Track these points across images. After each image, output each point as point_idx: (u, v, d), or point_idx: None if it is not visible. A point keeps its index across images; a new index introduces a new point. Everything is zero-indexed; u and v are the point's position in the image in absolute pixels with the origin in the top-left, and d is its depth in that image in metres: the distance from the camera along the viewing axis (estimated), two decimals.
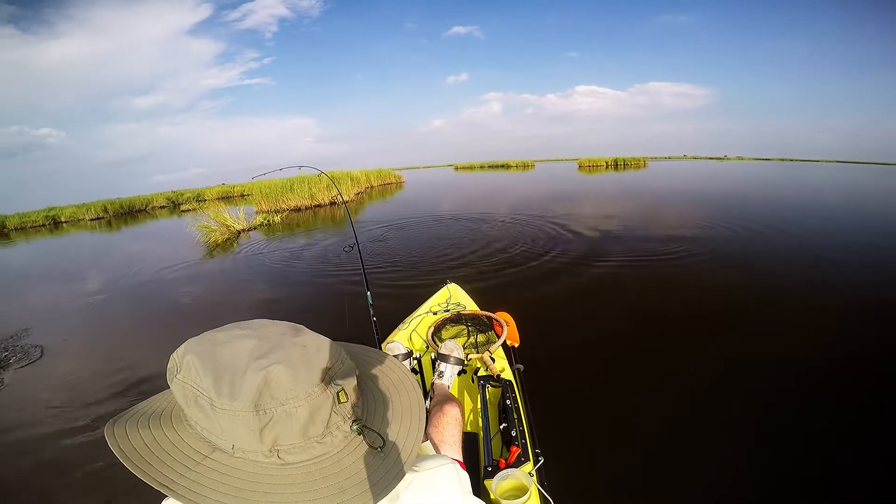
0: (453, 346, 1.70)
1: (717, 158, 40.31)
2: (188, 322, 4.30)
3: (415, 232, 7.93)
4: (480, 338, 2.03)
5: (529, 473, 1.27)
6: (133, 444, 0.48)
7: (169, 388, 0.52)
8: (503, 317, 2.14)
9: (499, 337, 1.93)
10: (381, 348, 1.96)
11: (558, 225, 7.53)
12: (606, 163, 30.07)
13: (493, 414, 1.63)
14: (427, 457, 0.72)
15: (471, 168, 40.65)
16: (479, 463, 1.42)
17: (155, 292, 5.49)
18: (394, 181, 22.24)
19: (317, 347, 0.53)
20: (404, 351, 1.70)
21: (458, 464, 0.73)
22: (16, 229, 19.03)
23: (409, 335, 2.21)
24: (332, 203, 13.78)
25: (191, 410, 0.49)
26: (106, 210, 20.88)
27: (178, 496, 0.45)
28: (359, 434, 0.54)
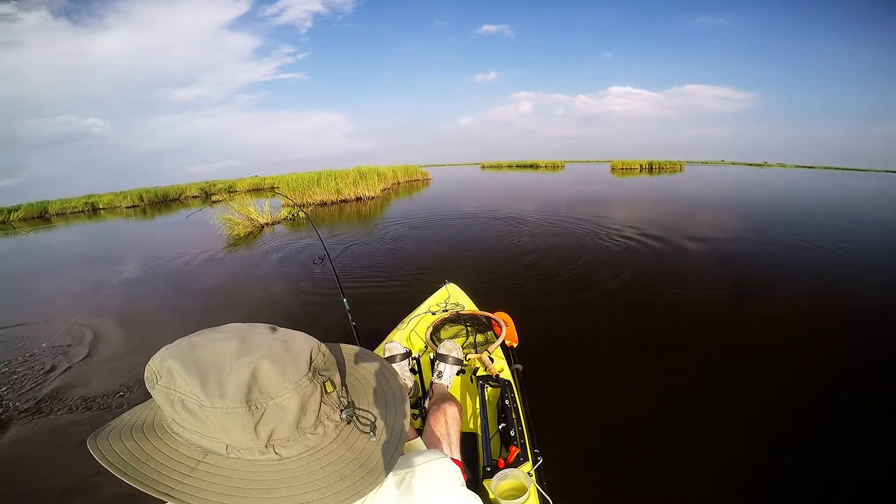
0: (452, 346, 1.69)
1: (756, 165, 38.41)
2: (190, 314, 4.34)
3: (435, 231, 7.86)
4: (479, 338, 2.03)
5: (528, 473, 1.29)
6: (122, 456, 0.47)
7: (143, 402, 0.55)
8: (502, 317, 2.13)
9: (497, 337, 1.93)
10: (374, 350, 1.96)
11: (583, 227, 7.40)
12: (640, 165, 29.08)
13: (491, 414, 1.63)
14: (418, 452, 0.73)
15: (498, 167, 40.15)
16: (478, 463, 1.42)
17: (163, 284, 5.57)
18: (420, 178, 22.11)
19: (297, 342, 0.54)
20: (403, 351, 1.70)
21: (449, 459, 0.74)
22: (57, 214, 19.85)
23: (408, 335, 2.21)
24: (358, 199, 13.71)
25: (179, 416, 0.48)
26: (141, 198, 21.58)
27: (180, 502, 0.45)
28: (348, 422, 0.56)
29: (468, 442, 1.48)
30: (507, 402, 1.60)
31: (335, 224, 9.68)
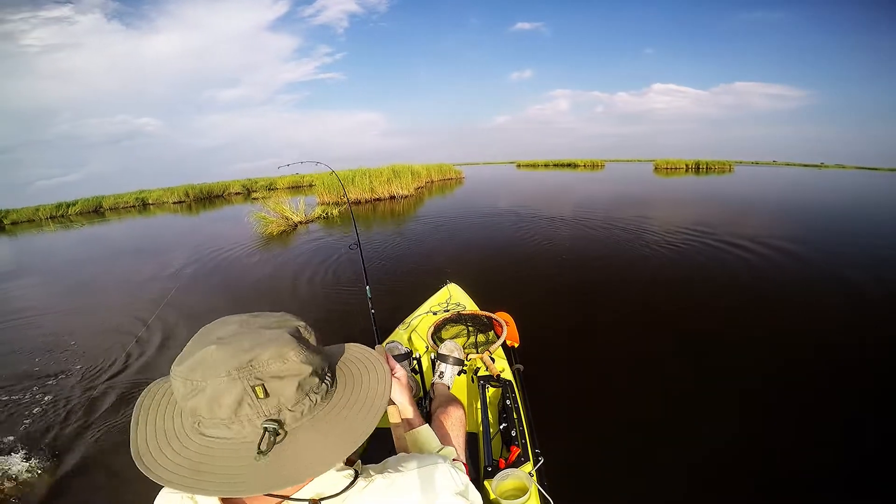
0: (453, 347, 1.69)
1: (813, 166, 35.54)
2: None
3: (458, 231, 7.84)
4: (480, 338, 2.03)
5: (529, 473, 1.28)
6: (176, 472, 0.52)
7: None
8: (503, 317, 2.12)
9: (498, 337, 1.92)
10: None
11: (617, 228, 7.25)
12: (686, 165, 27.59)
13: (493, 414, 1.63)
14: (414, 456, 0.73)
15: (534, 166, 39.32)
16: (479, 463, 1.41)
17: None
18: (454, 177, 21.92)
19: (268, 340, 0.55)
20: (404, 351, 1.70)
21: (447, 464, 0.75)
22: (110, 209, 20.98)
23: (409, 335, 2.22)
24: (392, 197, 13.65)
25: (193, 401, 0.53)
26: (187, 194, 22.49)
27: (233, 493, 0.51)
28: (266, 433, 0.55)
29: (469, 442, 1.46)
30: (508, 402, 1.60)
31: (368, 222, 9.75)
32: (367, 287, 2.44)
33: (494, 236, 7.18)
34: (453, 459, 0.99)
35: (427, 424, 1.04)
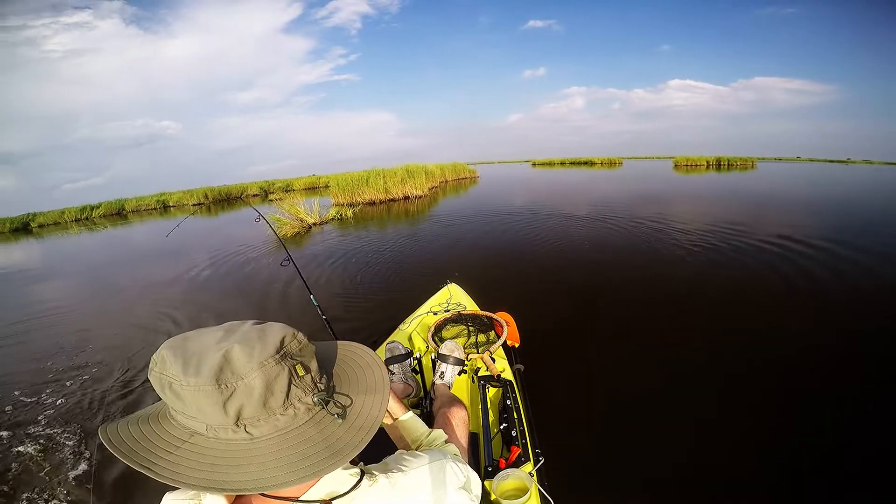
0: (454, 347, 1.67)
1: (839, 161, 34.13)
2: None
3: (469, 232, 7.76)
4: (481, 338, 2.02)
5: (530, 473, 1.27)
6: (122, 436, 0.52)
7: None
8: (503, 317, 2.11)
9: (499, 337, 1.91)
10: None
11: (638, 227, 7.09)
12: (707, 162, 26.70)
13: (493, 414, 1.62)
14: (413, 454, 0.75)
15: (550, 164, 38.95)
16: (479, 463, 1.41)
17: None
18: (468, 176, 21.82)
19: (272, 329, 0.58)
20: (404, 351, 1.68)
21: (449, 460, 0.76)
22: (132, 211, 21.49)
23: (410, 335, 2.21)
24: (406, 198, 13.61)
25: (168, 398, 0.53)
26: (206, 196, 22.89)
27: (158, 476, 0.49)
28: (321, 407, 0.58)
29: (469, 442, 1.45)
30: (508, 402, 1.60)
31: (382, 222, 9.78)
32: (311, 296, 2.49)
33: (503, 236, 7.11)
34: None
35: (411, 412, 1.06)
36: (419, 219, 9.91)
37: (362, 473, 0.64)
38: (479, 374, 1.80)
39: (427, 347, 2.00)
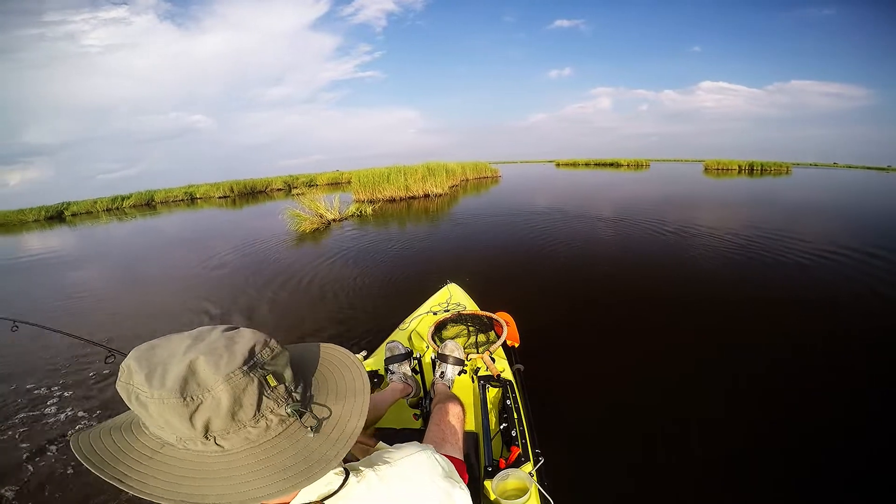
0: (454, 347, 1.67)
1: (879, 168, 32.27)
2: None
3: (487, 233, 7.65)
4: (481, 338, 2.02)
5: (529, 473, 1.27)
6: (94, 446, 0.51)
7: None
8: (503, 317, 2.11)
9: (499, 337, 1.91)
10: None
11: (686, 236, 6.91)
12: (739, 166, 25.78)
13: (493, 414, 1.62)
14: (399, 447, 0.75)
15: (574, 165, 38.30)
16: (479, 463, 1.40)
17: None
18: (489, 175, 21.61)
19: (242, 337, 0.55)
20: (404, 351, 1.68)
21: (431, 449, 0.77)
22: (161, 202, 22.08)
23: (410, 335, 2.22)
24: (426, 196, 13.56)
25: (135, 408, 0.51)
26: (232, 189, 23.33)
27: (130, 489, 0.48)
28: (296, 418, 0.57)
29: (469, 442, 1.46)
30: (508, 402, 1.60)
31: (402, 219, 9.77)
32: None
33: (512, 237, 7.03)
34: (452, 456, 1.03)
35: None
36: (436, 217, 9.87)
37: (347, 472, 0.64)
38: (479, 374, 1.80)
39: (427, 347, 2.00)
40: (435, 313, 2.39)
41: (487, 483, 1.24)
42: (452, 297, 2.64)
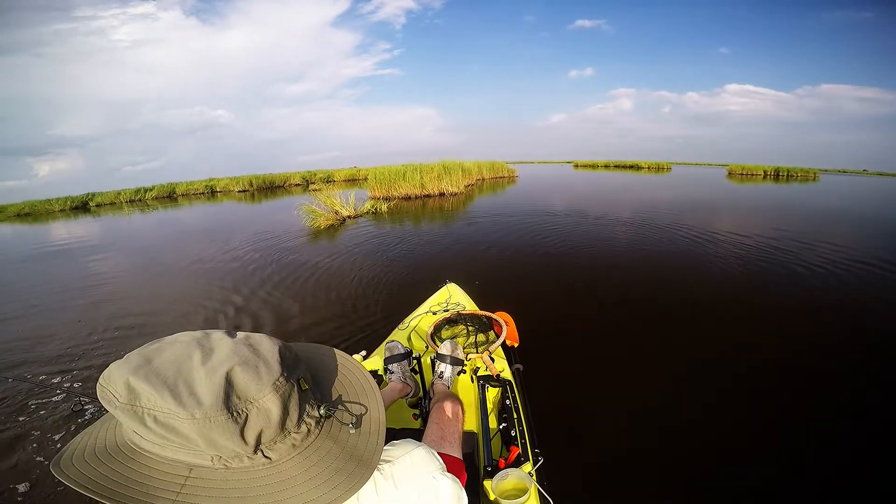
0: (453, 346, 1.67)
1: None
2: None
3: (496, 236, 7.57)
4: (480, 337, 2.02)
5: (529, 473, 1.27)
6: (101, 481, 0.44)
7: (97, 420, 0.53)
8: (503, 317, 2.11)
9: (498, 337, 1.91)
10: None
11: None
12: (764, 172, 25.05)
13: (492, 414, 1.62)
14: (395, 444, 0.74)
15: (593, 166, 37.76)
16: (478, 463, 1.40)
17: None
18: (506, 175, 21.42)
19: (262, 343, 0.53)
20: (403, 351, 1.68)
21: (425, 445, 0.76)
22: (182, 195, 22.50)
23: (409, 335, 2.21)
24: (441, 194, 13.50)
25: (154, 433, 0.45)
26: (251, 184, 23.65)
27: None
28: (329, 416, 0.56)
29: (468, 441, 1.46)
30: (507, 401, 1.61)
31: (417, 217, 9.78)
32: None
33: (520, 239, 6.96)
34: (451, 455, 1.05)
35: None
36: (449, 217, 9.84)
37: None
38: (478, 374, 1.80)
39: (426, 347, 1.99)
40: (434, 313, 2.39)
41: (487, 483, 1.24)
42: (452, 297, 2.63)
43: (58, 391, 2.76)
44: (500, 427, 1.52)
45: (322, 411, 0.55)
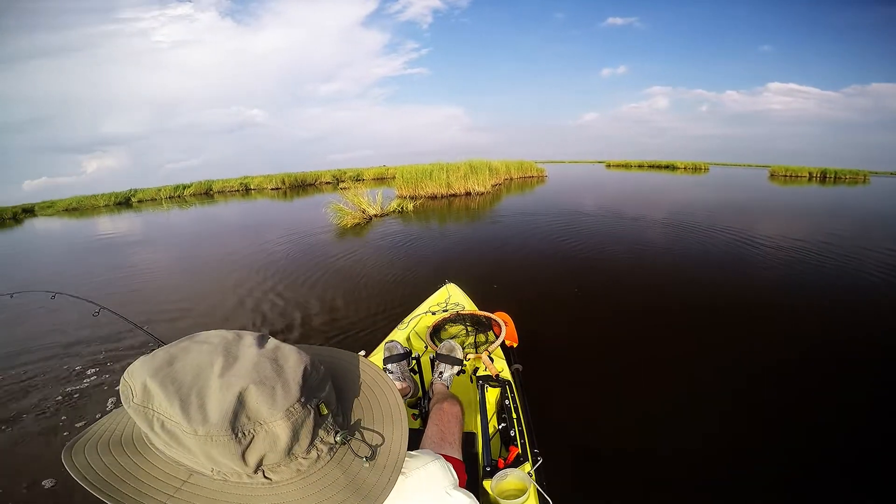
0: (452, 346, 1.67)
1: None
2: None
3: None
4: (479, 338, 2.02)
5: (528, 473, 1.28)
6: (101, 474, 0.44)
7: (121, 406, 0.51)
8: (502, 317, 2.11)
9: (497, 337, 1.91)
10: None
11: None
12: (810, 173, 23.66)
13: (491, 414, 1.62)
14: (412, 455, 0.72)
15: (626, 166, 36.68)
16: (477, 463, 1.40)
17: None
18: (535, 175, 21.10)
19: (288, 359, 0.51)
20: (403, 351, 1.69)
21: (442, 459, 0.74)
22: (218, 192, 23.32)
23: (408, 335, 2.22)
24: (467, 194, 13.43)
25: (158, 438, 0.45)
26: (283, 182, 24.25)
27: None
28: (344, 443, 0.54)
29: (468, 442, 1.46)
30: (506, 401, 1.61)
31: (443, 217, 9.78)
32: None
33: (533, 238, 6.93)
34: (451, 456, 1.04)
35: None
36: (474, 216, 9.80)
37: None
38: (477, 374, 1.80)
39: (425, 347, 2.00)
40: (433, 313, 2.39)
41: (486, 483, 1.25)
42: (451, 297, 2.63)
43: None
44: (500, 427, 1.52)
45: (338, 438, 0.53)
